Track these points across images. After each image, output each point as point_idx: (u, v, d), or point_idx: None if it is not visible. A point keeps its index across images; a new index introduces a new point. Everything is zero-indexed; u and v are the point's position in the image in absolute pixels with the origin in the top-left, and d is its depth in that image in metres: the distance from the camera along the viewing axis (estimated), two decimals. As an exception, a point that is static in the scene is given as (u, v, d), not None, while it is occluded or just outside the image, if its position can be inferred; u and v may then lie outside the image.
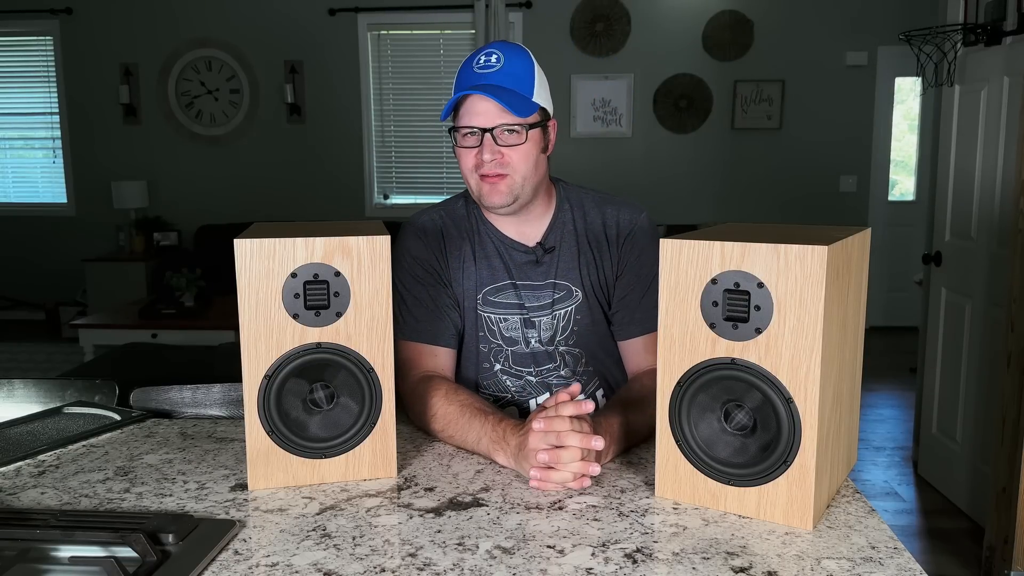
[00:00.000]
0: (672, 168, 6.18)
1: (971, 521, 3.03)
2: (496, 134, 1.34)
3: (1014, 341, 2.40)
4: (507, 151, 1.35)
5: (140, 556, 0.90)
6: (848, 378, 1.12)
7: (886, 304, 6.18)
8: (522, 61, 1.37)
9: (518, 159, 1.36)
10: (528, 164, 1.37)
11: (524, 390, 1.49)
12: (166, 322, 4.33)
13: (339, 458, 1.16)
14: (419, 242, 1.48)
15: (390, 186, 6.45)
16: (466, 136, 1.37)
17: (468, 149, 1.37)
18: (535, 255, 1.46)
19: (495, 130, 1.34)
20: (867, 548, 0.97)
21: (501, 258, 1.46)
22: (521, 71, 1.36)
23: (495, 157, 1.35)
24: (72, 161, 6.55)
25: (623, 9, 6.00)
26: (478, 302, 1.47)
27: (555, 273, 1.46)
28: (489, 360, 1.49)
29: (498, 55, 1.36)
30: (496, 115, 1.33)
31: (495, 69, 1.35)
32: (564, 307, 1.47)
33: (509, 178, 1.36)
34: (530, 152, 1.37)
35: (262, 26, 6.26)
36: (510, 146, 1.35)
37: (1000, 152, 2.90)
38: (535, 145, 1.38)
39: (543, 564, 0.93)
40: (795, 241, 0.98)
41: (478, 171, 1.37)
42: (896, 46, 5.27)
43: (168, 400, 1.63)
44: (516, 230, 1.47)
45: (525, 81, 1.36)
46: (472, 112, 1.35)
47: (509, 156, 1.35)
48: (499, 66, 1.35)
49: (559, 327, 1.47)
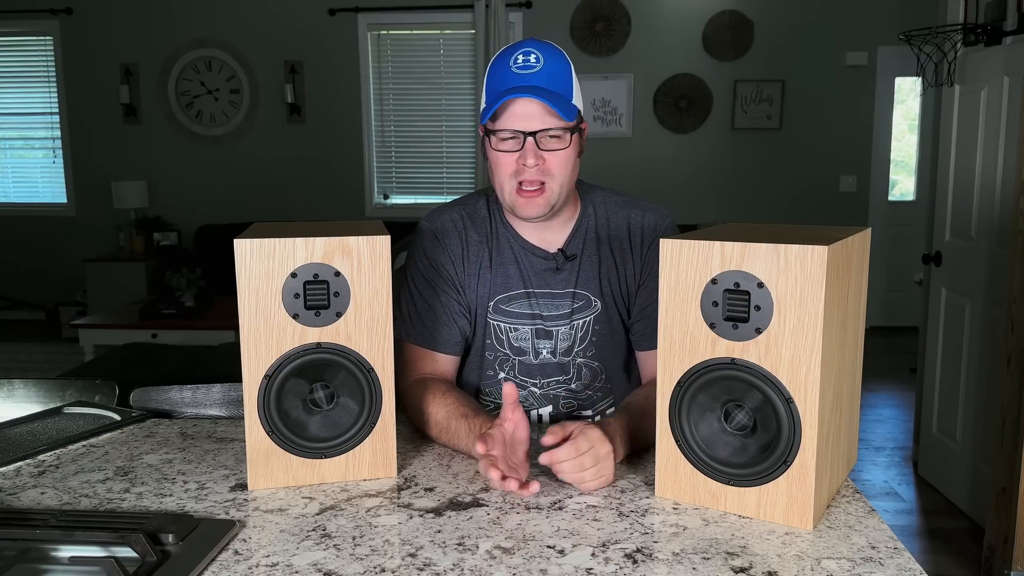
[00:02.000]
0: (672, 168, 6.18)
1: (971, 521, 3.03)
2: (539, 139, 1.28)
3: (1014, 341, 2.40)
4: (549, 156, 1.30)
5: (140, 556, 0.90)
6: (848, 378, 1.12)
7: (886, 304, 6.18)
8: (560, 61, 1.32)
9: (559, 166, 1.30)
10: (567, 171, 1.32)
11: (527, 400, 1.46)
12: (166, 322, 4.33)
13: (339, 458, 1.16)
14: (436, 245, 1.43)
15: (390, 186, 6.45)
16: (505, 140, 1.30)
17: (506, 154, 1.30)
18: (555, 262, 1.41)
19: (538, 135, 1.28)
20: (867, 548, 0.97)
21: (518, 265, 1.41)
22: (561, 72, 1.31)
23: (537, 163, 1.29)
24: (72, 161, 6.55)
25: (623, 9, 6.00)
26: (489, 309, 1.42)
27: (575, 282, 1.41)
28: (494, 368, 1.45)
29: (537, 55, 1.30)
30: (540, 119, 1.28)
31: (536, 69, 1.29)
32: (583, 317, 1.42)
33: (548, 188, 1.31)
34: (570, 157, 1.32)
35: (262, 26, 6.26)
36: (552, 151, 1.30)
37: (1000, 152, 2.90)
38: (575, 149, 1.33)
39: (543, 564, 0.93)
40: (795, 241, 0.98)
41: (516, 178, 1.31)
42: (896, 46, 5.27)
43: (168, 400, 1.63)
44: (538, 236, 1.42)
45: (565, 82, 1.31)
46: (514, 114, 1.28)
47: (551, 162, 1.30)
48: (539, 66, 1.29)
49: (577, 337, 1.43)
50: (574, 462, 1.10)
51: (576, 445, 1.10)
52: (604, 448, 1.12)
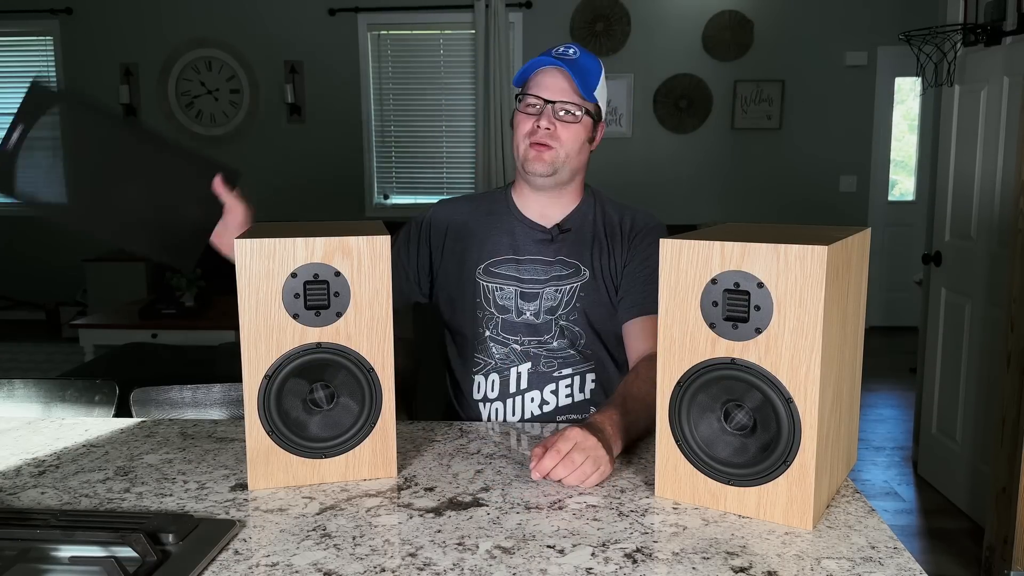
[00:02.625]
0: (672, 168, 6.18)
1: (971, 521, 3.03)
2: (556, 108, 1.48)
3: (1014, 341, 2.40)
4: (560, 126, 1.49)
5: (140, 556, 0.90)
6: (848, 378, 1.12)
7: (886, 304, 6.18)
8: (594, 61, 1.53)
9: (567, 137, 1.49)
10: (574, 144, 1.50)
11: (508, 358, 1.56)
12: (166, 322, 4.33)
13: (339, 458, 1.16)
14: (439, 207, 1.66)
15: (390, 186, 6.45)
16: (529, 104, 1.50)
17: (527, 116, 1.50)
18: (550, 235, 1.57)
19: (556, 104, 1.48)
20: (867, 548, 0.97)
21: (513, 235, 1.58)
22: (591, 67, 1.51)
23: (549, 127, 1.48)
24: (72, 161, 6.55)
25: (623, 9, 6.00)
26: (479, 272, 1.57)
27: (565, 251, 1.56)
28: (482, 326, 1.57)
29: (575, 49, 1.51)
30: (561, 92, 1.48)
31: (571, 57, 1.50)
32: (570, 283, 1.55)
33: (554, 151, 1.49)
34: (579, 134, 1.51)
35: (262, 26, 6.26)
36: (565, 122, 1.49)
37: (1000, 152, 2.90)
38: (584, 130, 1.52)
39: (543, 564, 0.93)
40: (795, 241, 0.98)
41: (530, 137, 1.49)
42: (896, 46, 5.27)
43: (168, 400, 1.63)
44: (539, 212, 1.59)
45: (593, 75, 1.51)
46: (541, 84, 1.49)
47: (560, 131, 1.49)
48: (575, 56, 1.50)
49: (563, 301, 1.56)
50: (564, 463, 1.13)
51: (557, 448, 1.14)
52: (588, 441, 1.15)
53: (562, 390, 1.56)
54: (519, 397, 1.56)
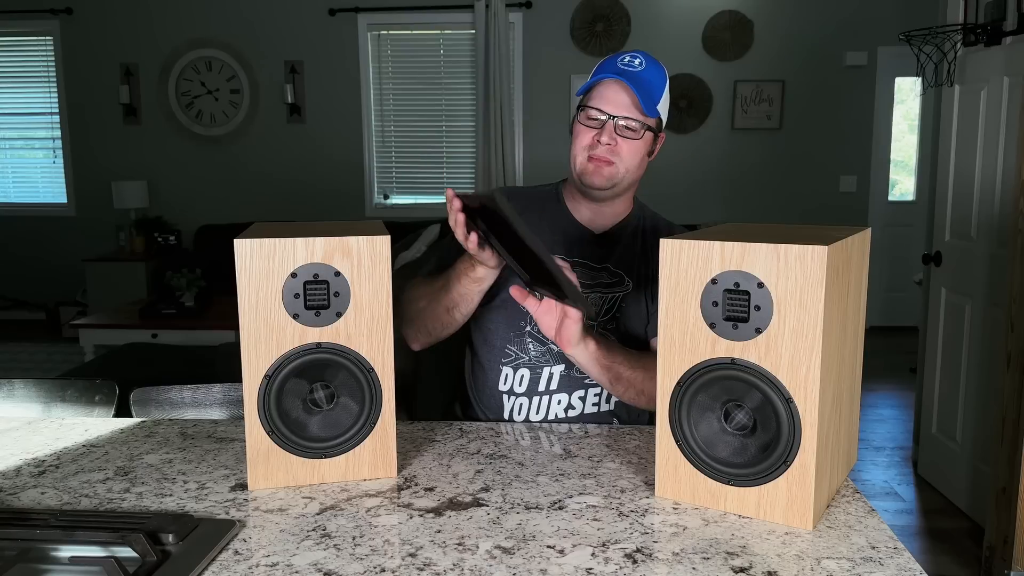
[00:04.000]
0: (672, 168, 6.17)
1: (971, 521, 3.03)
2: (617, 124, 1.46)
3: (1014, 341, 2.40)
4: (621, 142, 1.46)
5: (140, 556, 0.90)
6: (848, 378, 1.12)
7: (886, 304, 6.18)
8: (659, 71, 1.50)
9: (628, 153, 1.47)
10: (634, 159, 1.49)
11: (543, 357, 1.55)
12: (166, 322, 4.33)
13: (339, 458, 1.16)
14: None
15: (390, 186, 6.45)
16: (591, 117, 1.47)
17: (588, 128, 1.48)
18: (598, 240, 1.57)
19: (618, 119, 1.45)
20: (867, 548, 0.97)
21: (565, 236, 1.57)
22: (656, 79, 1.48)
23: (610, 143, 1.45)
24: (72, 161, 6.55)
25: (623, 9, 6.00)
26: None
27: (613, 260, 1.56)
28: (525, 320, 1.56)
29: (641, 60, 1.49)
30: (624, 107, 1.45)
31: (637, 69, 1.47)
32: (613, 292, 1.55)
33: (614, 167, 1.47)
34: (639, 150, 1.49)
35: (262, 26, 6.26)
36: (626, 138, 1.46)
37: (1000, 152, 2.90)
38: (645, 146, 1.50)
39: (543, 564, 0.93)
40: (795, 241, 0.98)
41: (590, 151, 1.47)
42: (896, 46, 5.27)
43: (168, 400, 1.63)
44: (589, 218, 1.58)
45: (657, 88, 1.48)
46: (604, 97, 1.46)
47: (622, 146, 1.46)
48: (640, 68, 1.47)
49: (603, 308, 1.54)
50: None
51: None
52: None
53: (590, 398, 1.55)
54: (547, 397, 1.54)
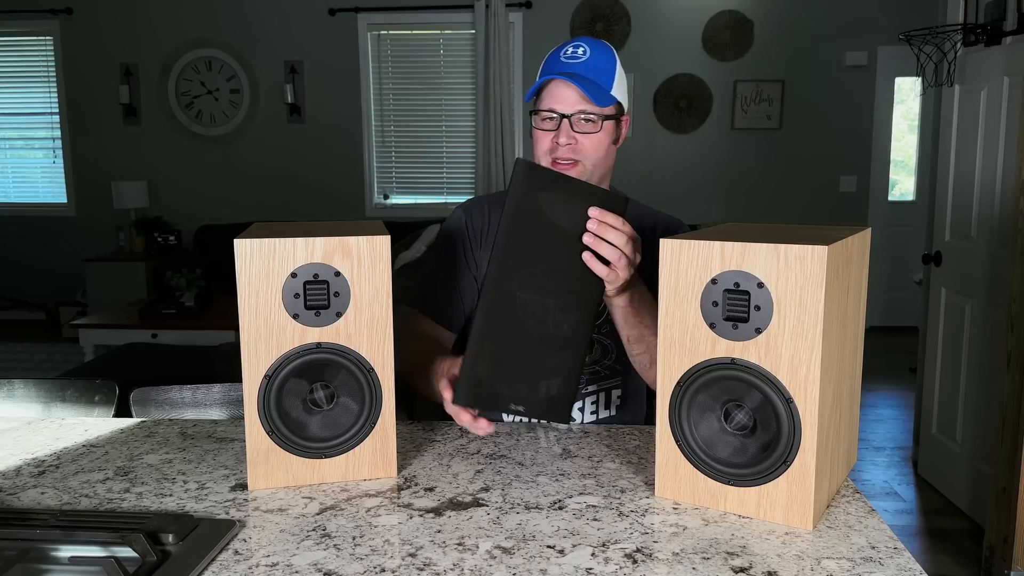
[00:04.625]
0: (672, 168, 6.18)
1: (971, 521, 3.03)
2: (573, 120, 1.41)
3: (1014, 341, 2.40)
4: (581, 138, 1.42)
5: (140, 556, 0.90)
6: (848, 378, 1.12)
7: (886, 304, 6.19)
8: (606, 55, 1.45)
9: (591, 147, 1.42)
10: (598, 152, 1.43)
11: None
12: (166, 322, 4.33)
13: (339, 458, 1.16)
14: (460, 219, 1.55)
15: (390, 186, 6.45)
16: (545, 120, 1.43)
17: (544, 132, 1.44)
18: None
19: (573, 116, 1.41)
20: (867, 548, 0.97)
21: None
22: (604, 64, 1.43)
23: (570, 142, 1.41)
24: (72, 161, 6.56)
25: (623, 9, 6.00)
26: None
27: None
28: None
29: (585, 48, 1.44)
30: (576, 102, 1.40)
31: (580, 60, 1.42)
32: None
33: (580, 165, 1.43)
34: (602, 141, 1.44)
35: (262, 26, 6.26)
36: (585, 133, 1.41)
37: (1000, 152, 2.90)
38: (608, 135, 1.44)
39: (543, 564, 0.93)
40: (795, 241, 0.98)
41: (551, 155, 1.43)
42: (896, 46, 5.27)
43: (168, 400, 1.63)
44: None
45: (607, 74, 1.43)
46: (554, 97, 1.42)
47: (582, 143, 1.42)
48: (585, 57, 1.42)
49: None
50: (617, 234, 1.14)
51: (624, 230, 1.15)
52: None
53: (587, 407, 1.53)
54: None
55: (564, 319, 1.15)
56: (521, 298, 1.13)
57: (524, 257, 1.12)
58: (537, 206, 1.12)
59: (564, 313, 1.15)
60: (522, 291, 1.13)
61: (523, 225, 1.12)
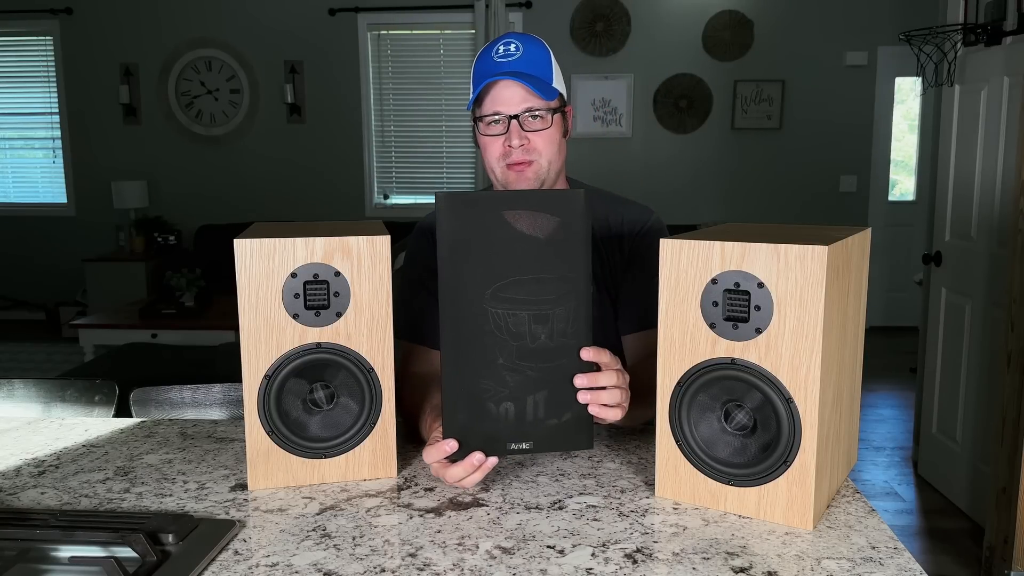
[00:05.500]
0: (672, 168, 6.18)
1: (971, 521, 3.03)
2: (522, 120, 1.36)
3: (1014, 341, 2.40)
4: (533, 136, 1.37)
5: (140, 556, 0.90)
6: (848, 378, 1.12)
7: (886, 304, 6.19)
8: (539, 49, 1.40)
9: (544, 144, 1.38)
10: (553, 148, 1.40)
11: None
12: (166, 322, 4.33)
13: (339, 458, 1.16)
14: (420, 242, 1.50)
15: (390, 186, 6.45)
16: (491, 124, 1.38)
17: (493, 137, 1.38)
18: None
19: (520, 116, 1.36)
20: (867, 548, 0.97)
21: None
22: (539, 58, 1.39)
23: (522, 143, 1.36)
24: (72, 161, 6.56)
25: (623, 9, 6.00)
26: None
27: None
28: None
29: (516, 44, 1.38)
30: (521, 100, 1.35)
31: (515, 57, 1.37)
32: None
33: (536, 164, 1.38)
34: (554, 136, 1.40)
35: (262, 26, 6.27)
36: (536, 131, 1.37)
37: (1000, 152, 2.90)
38: (557, 129, 1.40)
39: (543, 564, 0.93)
40: (795, 241, 0.98)
41: (505, 159, 1.38)
42: (896, 46, 5.27)
43: (168, 400, 1.63)
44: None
45: (544, 67, 1.39)
46: (497, 99, 1.36)
47: (535, 141, 1.37)
48: (519, 54, 1.37)
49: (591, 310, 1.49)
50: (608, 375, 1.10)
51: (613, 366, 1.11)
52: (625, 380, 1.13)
53: None
54: None
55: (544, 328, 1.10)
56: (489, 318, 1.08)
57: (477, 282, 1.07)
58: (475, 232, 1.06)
59: (543, 323, 1.10)
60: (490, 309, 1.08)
61: (463, 258, 1.06)
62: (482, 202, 1.09)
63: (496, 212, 1.07)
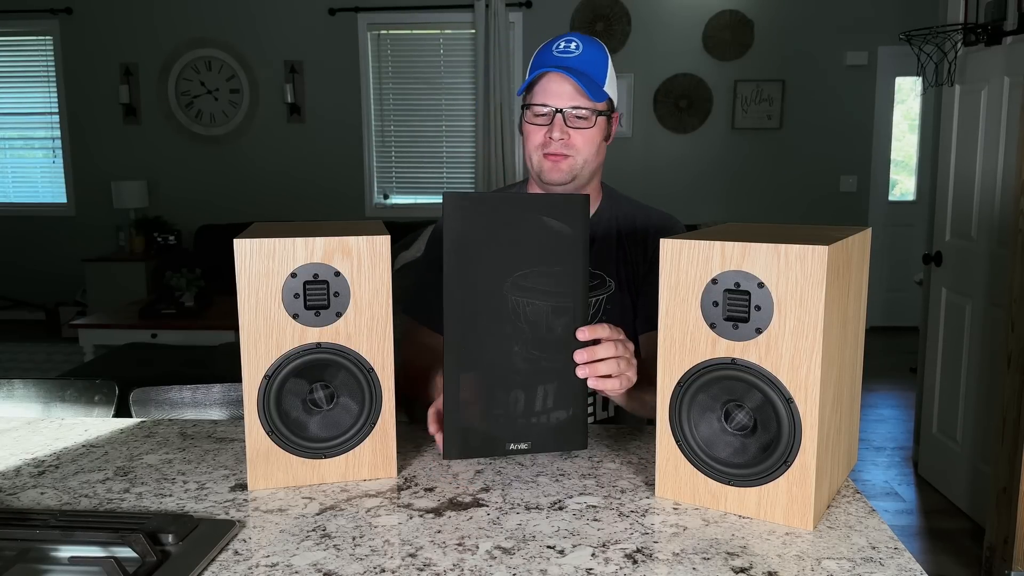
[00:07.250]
0: (672, 168, 6.18)
1: (971, 521, 3.03)
2: (567, 115, 1.39)
3: (1014, 341, 2.40)
4: (574, 133, 1.40)
5: (140, 556, 0.90)
6: (848, 378, 1.12)
7: (886, 304, 6.19)
8: (598, 52, 1.43)
9: (583, 142, 1.41)
10: (591, 148, 1.43)
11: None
12: (166, 322, 4.33)
13: (339, 458, 1.16)
14: None
15: (390, 186, 6.45)
16: (538, 114, 1.41)
17: (537, 127, 1.42)
18: None
19: (566, 111, 1.39)
20: (867, 548, 0.97)
21: None
22: (597, 60, 1.42)
23: (563, 137, 1.40)
24: (72, 161, 6.56)
25: (623, 9, 6.00)
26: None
27: (593, 263, 1.49)
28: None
29: (577, 43, 1.42)
30: (570, 97, 1.39)
31: (574, 55, 1.40)
32: (596, 295, 1.50)
33: (571, 159, 1.42)
34: (594, 137, 1.43)
35: (262, 26, 6.27)
36: (578, 128, 1.40)
37: (1000, 152, 2.90)
38: (599, 131, 1.44)
39: (543, 564, 0.93)
40: (795, 241, 0.98)
41: (543, 149, 1.41)
42: (896, 46, 5.27)
43: (168, 400, 1.63)
44: None
45: (600, 70, 1.42)
46: (547, 91, 1.40)
47: (575, 138, 1.41)
48: (577, 52, 1.40)
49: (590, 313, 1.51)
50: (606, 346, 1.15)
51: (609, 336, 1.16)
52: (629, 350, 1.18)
53: None
54: None
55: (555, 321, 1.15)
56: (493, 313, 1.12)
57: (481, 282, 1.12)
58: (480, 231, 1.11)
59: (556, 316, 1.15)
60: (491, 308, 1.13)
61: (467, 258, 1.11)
62: (488, 203, 1.12)
63: (501, 212, 1.11)
